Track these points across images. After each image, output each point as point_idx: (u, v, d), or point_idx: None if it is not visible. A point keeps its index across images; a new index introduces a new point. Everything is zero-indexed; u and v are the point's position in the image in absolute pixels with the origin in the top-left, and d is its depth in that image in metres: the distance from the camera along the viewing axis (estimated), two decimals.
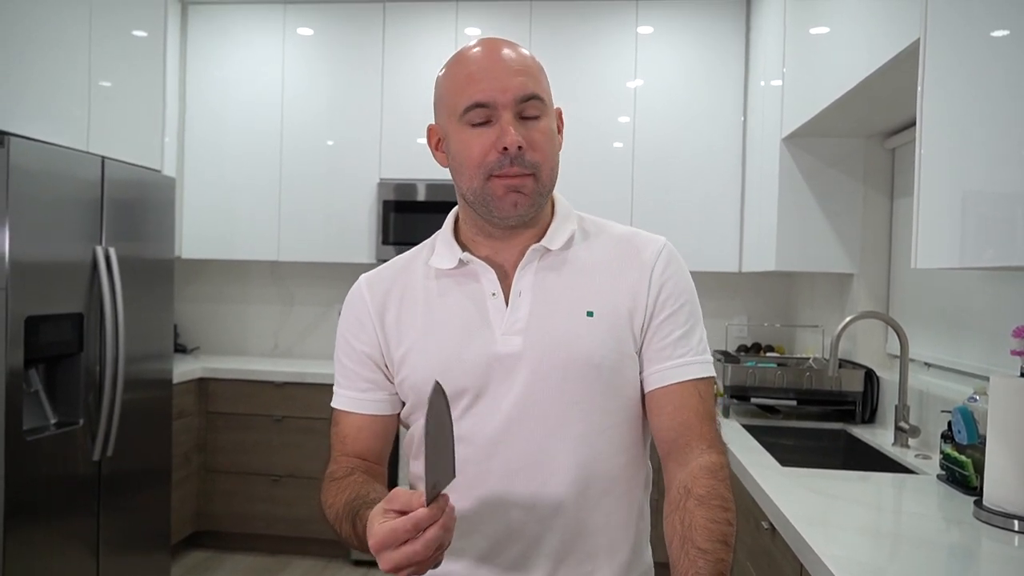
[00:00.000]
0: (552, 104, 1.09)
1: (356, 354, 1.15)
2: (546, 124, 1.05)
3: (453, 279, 1.11)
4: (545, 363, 1.05)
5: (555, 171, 1.07)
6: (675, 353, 1.07)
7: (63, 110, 2.66)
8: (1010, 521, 1.53)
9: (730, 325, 3.98)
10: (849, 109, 2.38)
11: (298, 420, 3.71)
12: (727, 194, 3.75)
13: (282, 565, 3.68)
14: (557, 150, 1.08)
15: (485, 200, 1.05)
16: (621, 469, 1.09)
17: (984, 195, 1.38)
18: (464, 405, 1.06)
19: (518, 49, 1.06)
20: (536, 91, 1.03)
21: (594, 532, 1.07)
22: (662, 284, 1.09)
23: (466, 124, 1.04)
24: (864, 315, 2.49)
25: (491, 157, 1.02)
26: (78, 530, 2.64)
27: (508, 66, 1.03)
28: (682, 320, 1.09)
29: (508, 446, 1.05)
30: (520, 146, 1.01)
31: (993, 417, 1.58)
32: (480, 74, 1.02)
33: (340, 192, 3.96)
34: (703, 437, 1.05)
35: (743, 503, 2.07)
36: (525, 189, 1.03)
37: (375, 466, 1.15)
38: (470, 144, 1.03)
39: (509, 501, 1.05)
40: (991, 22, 1.36)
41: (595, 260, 1.11)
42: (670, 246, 1.13)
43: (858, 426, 2.67)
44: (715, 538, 0.96)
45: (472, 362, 1.06)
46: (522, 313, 1.06)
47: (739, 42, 3.74)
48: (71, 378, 2.63)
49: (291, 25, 4.00)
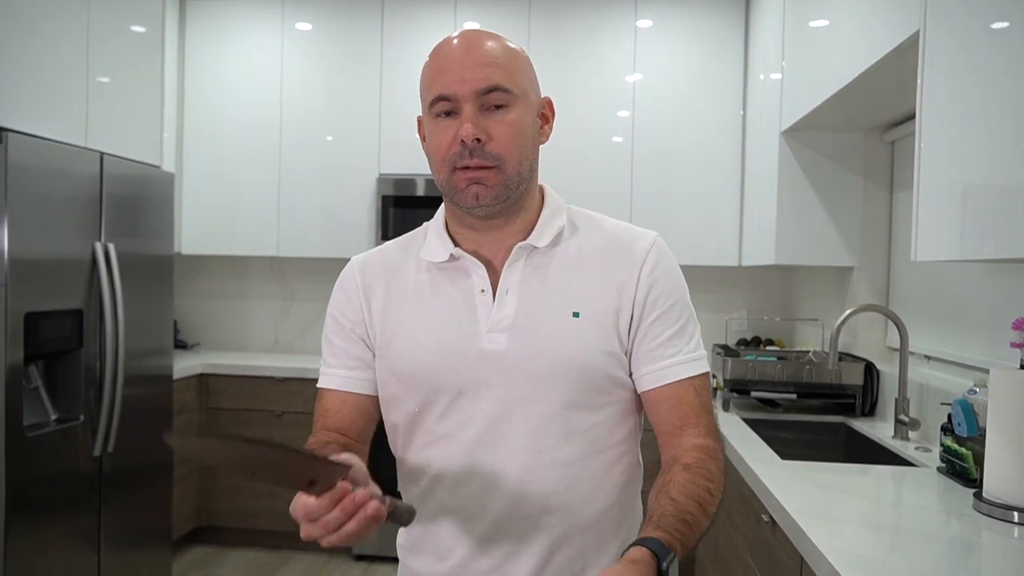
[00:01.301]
0: (532, 94, 1.07)
1: (344, 332, 1.14)
2: (514, 115, 1.03)
3: (444, 273, 1.11)
4: (530, 362, 1.04)
5: (525, 162, 1.05)
6: (667, 353, 1.07)
7: (62, 106, 2.66)
8: (1010, 513, 1.53)
9: (730, 319, 3.98)
10: (849, 102, 2.38)
11: (298, 415, 3.71)
12: (726, 188, 3.75)
13: (283, 560, 3.69)
14: (528, 141, 1.06)
15: (451, 192, 1.06)
16: (609, 466, 1.08)
17: (984, 188, 1.38)
18: (446, 402, 1.06)
19: (490, 41, 1.05)
20: (501, 82, 1.02)
21: (582, 529, 1.07)
22: (651, 283, 1.08)
23: (434, 116, 1.04)
24: (864, 308, 2.49)
25: (454, 149, 1.02)
26: (79, 526, 2.64)
27: (473, 58, 1.02)
28: (673, 319, 1.08)
29: (493, 444, 1.05)
30: (478, 138, 1.00)
31: (993, 409, 1.58)
32: (446, 67, 1.03)
33: (339, 187, 3.95)
34: (699, 425, 1.06)
35: (744, 497, 2.07)
36: (487, 181, 1.02)
37: (355, 443, 1.11)
38: (436, 136, 1.04)
39: (496, 498, 1.05)
40: (991, 14, 1.35)
41: (583, 258, 1.10)
42: (660, 241, 1.12)
43: (858, 419, 2.67)
44: (689, 495, 0.96)
45: (458, 358, 1.06)
46: (508, 311, 1.06)
47: (738, 35, 3.74)
48: (71, 374, 2.63)
49: (289, 20, 3.99)
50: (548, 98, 1.12)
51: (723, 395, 2.88)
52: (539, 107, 1.10)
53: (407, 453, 1.12)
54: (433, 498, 1.09)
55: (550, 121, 1.12)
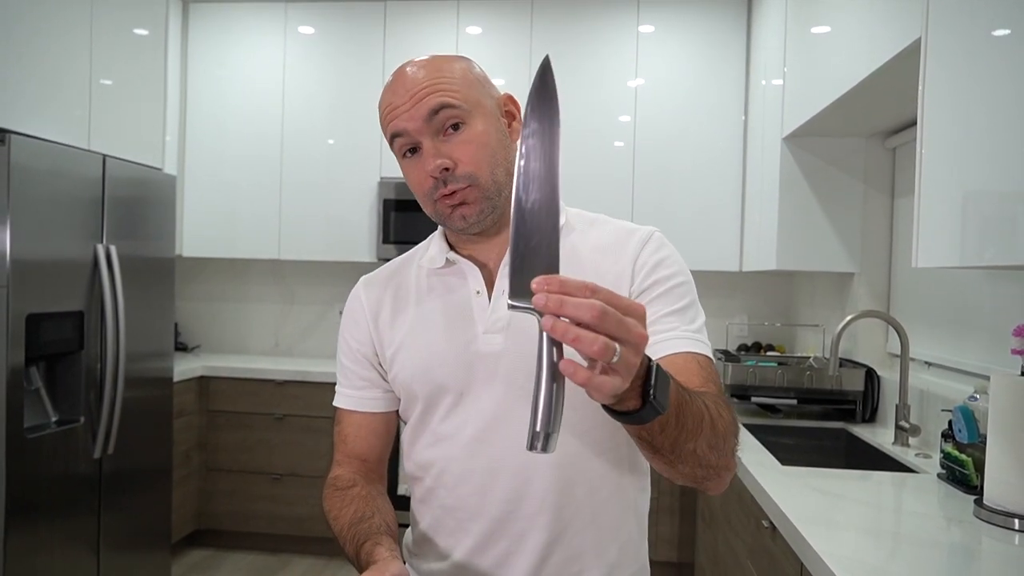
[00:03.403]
0: (485, 99, 1.05)
1: (353, 353, 1.18)
2: (473, 131, 1.02)
3: (441, 278, 1.13)
4: (526, 362, 1.03)
5: (499, 168, 1.04)
6: (663, 328, 1.01)
7: (64, 108, 2.66)
8: (1010, 520, 1.53)
9: (731, 324, 3.99)
10: (850, 108, 2.38)
11: (299, 419, 3.71)
12: (728, 193, 3.75)
13: (282, 564, 3.69)
14: (496, 147, 1.04)
15: (440, 220, 1.07)
16: (608, 468, 1.08)
17: (985, 194, 1.38)
18: (449, 403, 1.08)
19: (424, 67, 1.03)
20: (444, 100, 1.00)
21: (580, 531, 1.06)
22: (646, 273, 1.05)
23: (401, 156, 1.06)
24: (865, 314, 2.49)
25: (427, 185, 1.03)
26: (79, 528, 2.64)
27: (412, 90, 1.01)
28: (670, 301, 1.04)
29: (491, 445, 1.05)
30: (446, 167, 1.00)
31: (994, 416, 1.58)
32: (393, 103, 1.02)
33: (341, 191, 3.96)
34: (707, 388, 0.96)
35: (744, 502, 2.07)
36: (468, 199, 1.03)
37: (374, 470, 1.18)
38: (410, 175, 1.06)
39: (493, 499, 1.05)
40: (992, 21, 1.36)
41: (579, 255, 1.09)
42: (658, 234, 1.10)
43: (859, 425, 2.67)
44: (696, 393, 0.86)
45: (455, 361, 1.07)
46: (503, 311, 1.06)
47: (740, 41, 3.74)
48: (72, 376, 2.63)
49: (292, 23, 4.00)
50: (508, 94, 1.11)
51: None
52: (499, 108, 1.08)
53: (413, 454, 1.14)
54: (435, 498, 1.10)
55: (517, 116, 1.10)
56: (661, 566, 3.34)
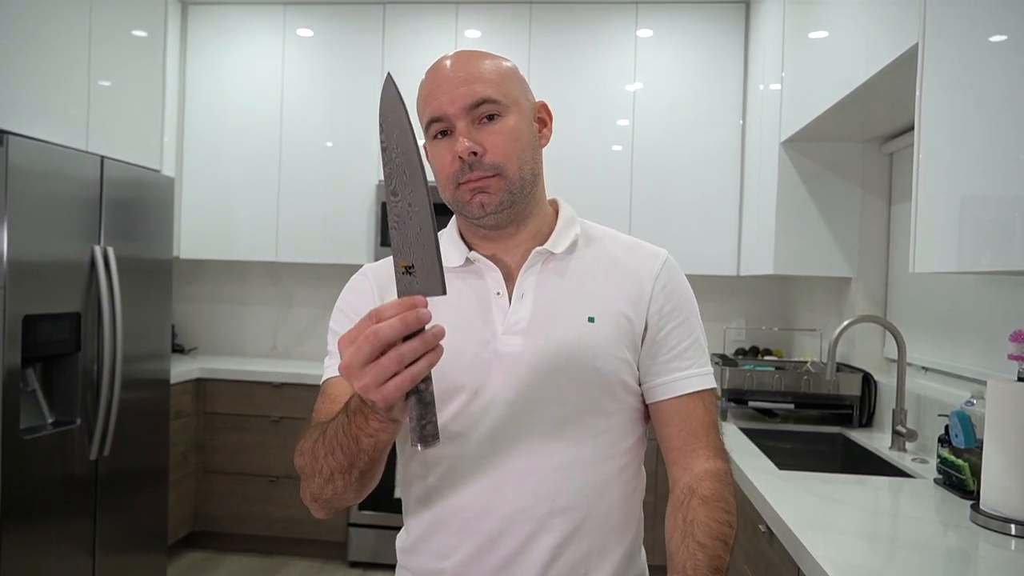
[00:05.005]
0: (524, 101, 1.10)
1: (349, 323, 1.07)
2: (507, 124, 1.05)
3: (458, 276, 1.12)
4: (544, 364, 1.06)
5: (526, 166, 1.07)
6: (680, 366, 1.11)
7: (62, 109, 2.66)
8: (1007, 525, 1.53)
9: (728, 328, 3.99)
10: (848, 113, 2.39)
11: (296, 421, 3.70)
12: (726, 197, 3.76)
13: (279, 566, 3.68)
14: (526, 146, 1.08)
15: (458, 206, 1.08)
16: (617, 472, 1.10)
17: (982, 200, 1.39)
18: (463, 401, 1.07)
19: (475, 59, 1.08)
20: (487, 94, 1.04)
21: (588, 533, 1.07)
22: (665, 297, 1.12)
23: (432, 139, 1.08)
24: (862, 319, 2.49)
25: (454, 166, 1.05)
26: (75, 530, 2.63)
27: (459, 77, 1.05)
28: (686, 333, 1.12)
29: (504, 444, 1.06)
30: (475, 151, 1.03)
31: (990, 421, 1.58)
32: (434, 90, 1.06)
33: (339, 193, 3.96)
34: (709, 446, 1.09)
35: (740, 506, 2.07)
36: (490, 189, 1.05)
37: None
38: (437, 157, 1.07)
39: (503, 499, 1.05)
40: (989, 27, 1.36)
41: (598, 267, 1.13)
42: (671, 259, 1.16)
43: (855, 430, 2.67)
44: (715, 536, 1.00)
45: (472, 359, 1.07)
46: (524, 314, 1.08)
47: (738, 46, 3.75)
48: (68, 377, 2.63)
49: (291, 26, 4.00)
50: (543, 101, 1.15)
51: (721, 404, 2.88)
52: (534, 112, 1.12)
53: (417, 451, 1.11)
54: (439, 496, 1.09)
55: (548, 124, 1.15)
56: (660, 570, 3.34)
